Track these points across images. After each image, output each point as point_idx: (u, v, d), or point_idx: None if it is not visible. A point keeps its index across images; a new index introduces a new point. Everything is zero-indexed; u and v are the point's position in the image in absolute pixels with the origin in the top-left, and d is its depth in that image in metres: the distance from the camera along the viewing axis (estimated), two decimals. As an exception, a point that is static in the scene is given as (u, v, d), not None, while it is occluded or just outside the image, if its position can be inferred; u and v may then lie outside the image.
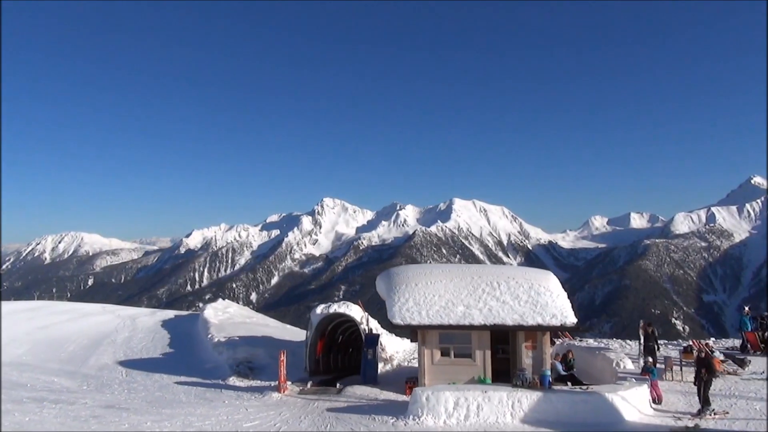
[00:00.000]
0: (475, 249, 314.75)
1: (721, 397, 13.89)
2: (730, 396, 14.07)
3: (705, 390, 12.68)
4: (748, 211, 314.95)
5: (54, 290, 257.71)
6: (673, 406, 13.51)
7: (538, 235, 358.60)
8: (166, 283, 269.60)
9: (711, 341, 22.33)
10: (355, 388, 15.63)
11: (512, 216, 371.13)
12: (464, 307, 13.96)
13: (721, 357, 17.62)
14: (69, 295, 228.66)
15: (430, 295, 14.28)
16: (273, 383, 16.39)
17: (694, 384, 12.92)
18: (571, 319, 13.83)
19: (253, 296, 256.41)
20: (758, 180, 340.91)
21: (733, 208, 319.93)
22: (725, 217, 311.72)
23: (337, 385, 16.08)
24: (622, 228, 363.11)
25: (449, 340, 14.51)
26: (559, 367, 14.75)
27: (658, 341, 16.03)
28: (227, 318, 30.26)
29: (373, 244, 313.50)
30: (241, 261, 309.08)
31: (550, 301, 13.98)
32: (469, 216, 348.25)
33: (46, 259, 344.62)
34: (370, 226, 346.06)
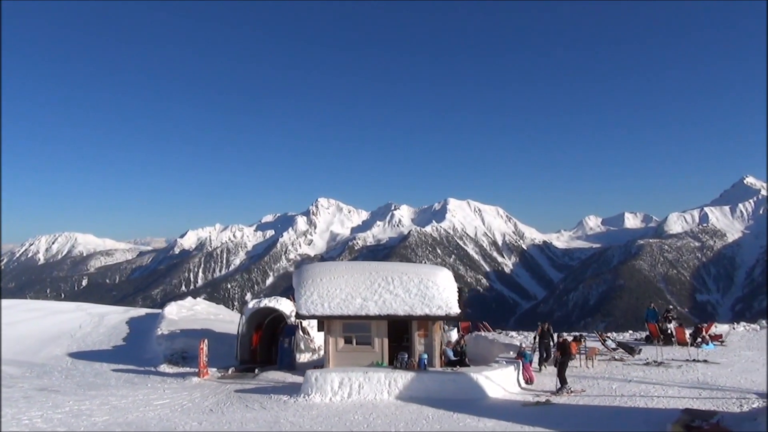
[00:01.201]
0: (470, 249, 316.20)
1: (591, 378, 15.43)
2: (598, 377, 15.61)
3: (561, 371, 14.26)
4: (741, 211, 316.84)
5: (48, 291, 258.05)
6: (546, 386, 15.03)
7: (532, 235, 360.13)
8: (161, 284, 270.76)
9: (611, 334, 24.10)
10: (270, 374, 17.19)
11: (507, 216, 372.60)
12: (362, 300, 15.44)
13: (613, 345, 19.22)
14: (63, 295, 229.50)
15: (332, 289, 15.73)
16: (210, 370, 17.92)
17: (555, 366, 14.51)
18: (455, 309, 15.29)
19: (248, 296, 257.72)
20: (751, 180, 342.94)
21: (726, 208, 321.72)
22: (718, 217, 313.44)
23: (256, 370, 17.63)
24: (616, 228, 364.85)
25: (352, 329, 15.96)
26: (450, 353, 16.23)
27: (553, 337, 17.61)
28: (191, 315, 31.63)
29: (368, 244, 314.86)
30: (236, 261, 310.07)
31: (436, 294, 15.44)
32: (464, 216, 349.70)
33: (39, 259, 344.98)
34: (365, 226, 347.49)
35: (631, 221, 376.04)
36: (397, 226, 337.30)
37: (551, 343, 17.35)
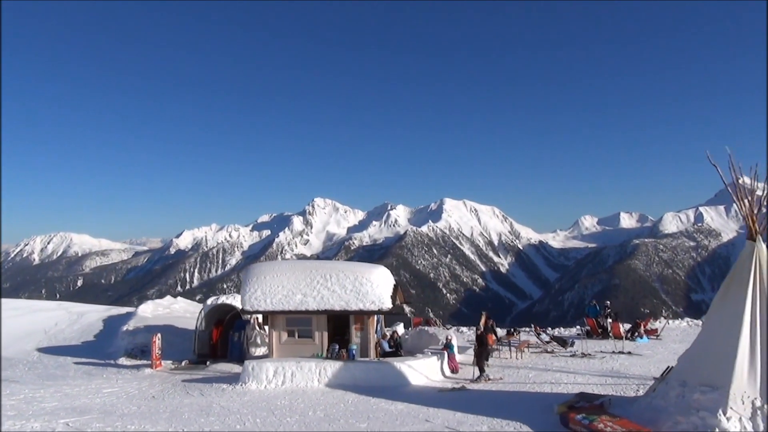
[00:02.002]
0: (466, 249, 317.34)
1: (515, 368, 16.57)
2: (522, 367, 16.75)
3: (479, 360, 15.39)
4: (735, 211, 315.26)
5: (43, 291, 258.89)
6: (470, 375, 16.13)
7: (528, 235, 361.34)
8: (157, 284, 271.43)
9: (550, 328, 25.33)
10: (220, 365, 18.30)
11: (503, 216, 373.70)
12: (302, 296, 16.52)
13: (547, 339, 20.37)
14: (58, 296, 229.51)
15: (275, 286, 16.79)
16: (164, 362, 19.01)
17: (475, 356, 15.64)
18: (387, 305, 16.35)
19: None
20: (746, 180, 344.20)
21: (721, 207, 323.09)
22: (713, 217, 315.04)
23: (207, 363, 18.73)
24: (612, 228, 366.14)
25: (294, 323, 17.06)
26: (385, 345, 17.32)
27: (495, 332, 18.66)
28: (166, 313, 32.62)
29: (365, 244, 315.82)
30: (232, 261, 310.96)
31: (370, 290, 16.49)
32: (460, 216, 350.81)
33: (34, 260, 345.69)
34: (362, 226, 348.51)
35: (627, 221, 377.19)
36: (394, 226, 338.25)
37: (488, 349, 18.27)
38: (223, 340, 21.77)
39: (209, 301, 21.34)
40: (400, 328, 22.05)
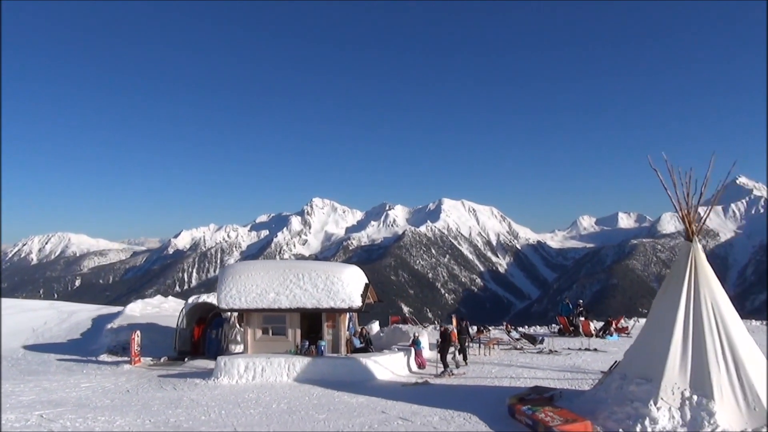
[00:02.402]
0: (464, 249, 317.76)
1: (481, 364, 17.16)
2: (488, 363, 17.33)
3: (443, 356, 15.96)
4: (733, 211, 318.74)
5: (41, 291, 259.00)
6: (436, 370, 16.70)
7: (526, 235, 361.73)
8: (155, 284, 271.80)
9: (524, 327, 25.95)
10: (198, 362, 18.84)
11: (501, 216, 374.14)
12: (275, 294, 17.06)
13: (517, 336, 20.93)
14: (56, 296, 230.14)
15: (249, 285, 17.33)
16: (143, 359, 19.56)
17: (438, 352, 16.22)
18: (357, 303, 16.91)
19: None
20: (744, 180, 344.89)
21: (719, 208, 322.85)
22: (711, 217, 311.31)
23: (186, 359, 19.29)
24: (610, 228, 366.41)
25: (269, 321, 17.63)
26: (356, 341, 17.90)
27: (469, 332, 19.14)
28: (155, 312, 33.14)
29: (363, 244, 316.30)
30: (230, 261, 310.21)
31: (341, 289, 17.03)
32: (458, 216, 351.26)
33: (32, 259, 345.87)
34: (360, 226, 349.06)
35: (625, 221, 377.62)
36: (392, 226, 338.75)
37: (468, 338, 18.83)
38: (204, 338, 22.30)
39: (190, 300, 21.89)
40: (375, 326, 22.64)
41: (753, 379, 9.98)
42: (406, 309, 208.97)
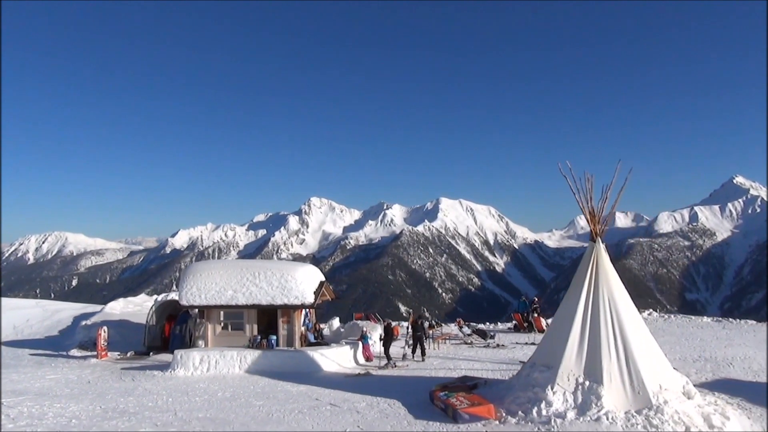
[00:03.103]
0: (462, 248, 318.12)
1: (426, 357, 18.16)
2: (434, 356, 18.36)
3: (386, 349, 16.96)
4: (730, 211, 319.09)
5: (38, 291, 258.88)
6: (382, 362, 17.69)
7: (524, 235, 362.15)
8: (152, 284, 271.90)
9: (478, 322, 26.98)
10: (162, 356, 19.84)
11: (499, 215, 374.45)
12: (233, 291, 18.04)
13: (468, 331, 21.92)
14: (53, 295, 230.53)
15: (209, 283, 18.28)
16: (110, 353, 20.55)
17: (382, 345, 17.24)
18: (310, 300, 17.88)
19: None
20: (740, 180, 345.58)
21: (716, 207, 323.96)
22: (708, 217, 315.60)
23: (151, 353, 20.29)
24: (607, 227, 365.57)
25: (228, 317, 18.65)
26: (311, 336, 18.87)
27: (424, 328, 20.03)
28: (136, 310, 33.99)
29: (360, 243, 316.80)
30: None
31: (294, 287, 17.99)
32: (456, 215, 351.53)
33: (29, 259, 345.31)
34: (357, 225, 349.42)
35: (622, 220, 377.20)
36: (389, 225, 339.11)
37: (423, 334, 19.72)
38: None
39: (159, 297, 22.91)
40: (335, 322, 23.65)
41: (640, 366, 10.97)
42: (403, 308, 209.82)
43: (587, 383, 11.01)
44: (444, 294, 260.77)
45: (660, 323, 25.70)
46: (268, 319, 19.00)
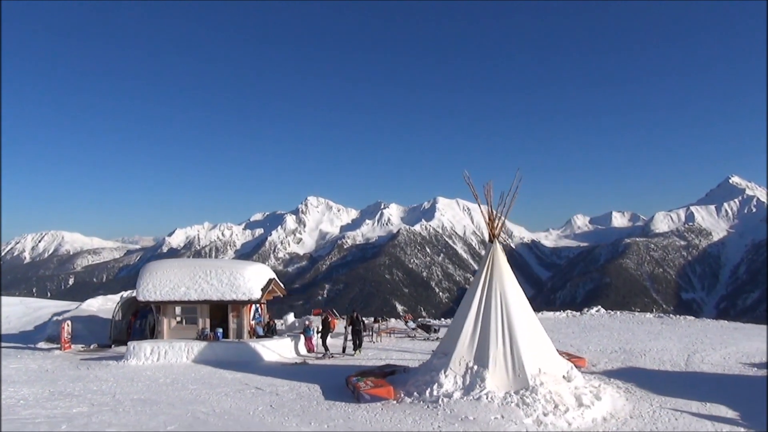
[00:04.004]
0: (459, 248, 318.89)
1: (366, 349, 19.45)
2: (372, 348, 19.67)
3: (324, 340, 18.29)
4: (726, 210, 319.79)
5: (34, 290, 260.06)
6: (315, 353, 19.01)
7: (521, 234, 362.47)
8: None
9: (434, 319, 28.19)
10: (122, 348, 21.11)
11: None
12: (185, 288, 19.33)
13: (413, 326, 23.23)
14: (49, 294, 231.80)
15: (164, 280, 19.55)
16: (74, 346, 21.87)
17: (320, 338, 18.58)
18: (257, 295, 19.20)
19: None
20: (736, 180, 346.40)
21: (712, 207, 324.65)
22: (704, 216, 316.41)
23: (112, 346, 21.60)
24: (604, 227, 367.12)
25: (184, 312, 19.96)
26: (259, 330, 20.16)
27: (364, 323, 21.21)
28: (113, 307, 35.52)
29: (358, 242, 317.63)
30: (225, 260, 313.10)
31: (242, 284, 19.30)
32: (453, 215, 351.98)
33: (25, 258, 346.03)
34: (355, 224, 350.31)
35: (619, 220, 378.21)
36: (387, 224, 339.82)
37: (362, 330, 20.94)
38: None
39: (125, 294, 24.16)
40: (290, 317, 25.00)
41: (522, 353, 12.27)
42: (400, 307, 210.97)
43: (475, 368, 12.31)
44: (441, 293, 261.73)
45: (605, 319, 27.00)
46: (222, 314, 20.28)
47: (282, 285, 21.74)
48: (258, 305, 20.50)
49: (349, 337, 19.17)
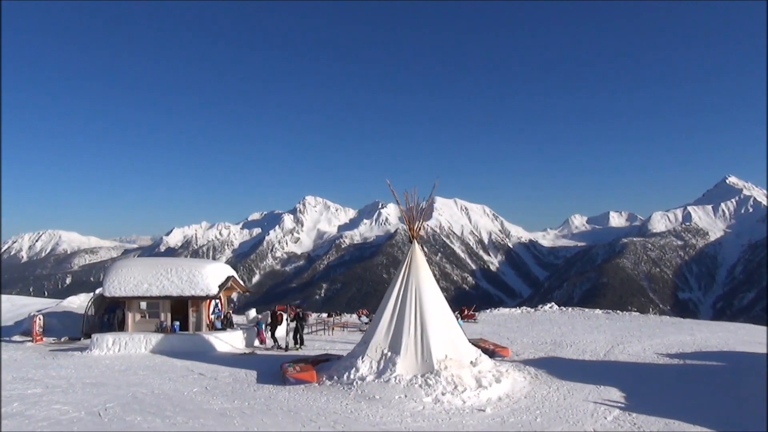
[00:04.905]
0: (456, 247, 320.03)
1: (316, 341, 20.84)
2: (319, 340, 21.08)
3: (272, 333, 19.71)
4: (723, 211, 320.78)
5: (31, 289, 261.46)
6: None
7: (518, 234, 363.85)
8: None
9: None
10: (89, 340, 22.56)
11: (493, 215, 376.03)
12: (148, 285, 20.69)
13: (366, 320, 24.59)
14: (46, 293, 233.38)
15: (128, 277, 20.91)
16: (46, 339, 23.27)
17: (270, 330, 20.03)
18: (214, 291, 20.59)
19: (234, 295, 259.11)
20: (733, 180, 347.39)
21: (709, 207, 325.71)
22: (701, 216, 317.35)
23: (81, 338, 22.99)
24: (601, 227, 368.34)
25: (148, 306, 21.35)
26: (217, 323, 21.55)
27: (306, 319, 22.51)
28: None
29: (355, 242, 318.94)
30: (222, 259, 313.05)
31: (200, 280, 20.66)
32: (451, 214, 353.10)
33: (23, 257, 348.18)
34: (352, 224, 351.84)
35: (616, 220, 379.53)
36: (384, 224, 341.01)
37: (305, 323, 22.06)
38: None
39: (98, 290, 25.51)
40: (252, 312, 26.46)
41: (431, 341, 13.65)
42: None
43: (389, 354, 13.68)
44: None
45: (556, 315, 28.37)
46: (183, 309, 21.64)
47: (242, 282, 23.18)
48: (218, 300, 21.86)
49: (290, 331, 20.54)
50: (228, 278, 21.67)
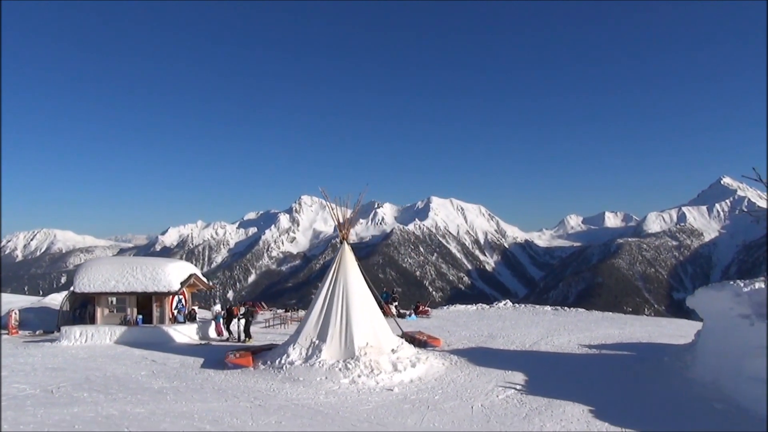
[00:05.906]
0: (452, 247, 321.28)
1: (271, 334, 22.46)
2: (272, 333, 22.72)
3: (227, 325, 21.38)
4: (717, 211, 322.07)
5: (26, 288, 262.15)
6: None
7: (514, 234, 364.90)
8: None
9: None
10: (63, 333, 24.17)
11: (489, 215, 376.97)
12: (115, 282, 22.33)
13: None
14: (41, 293, 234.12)
15: (96, 275, 22.54)
16: (21, 332, 24.93)
17: (224, 323, 21.74)
18: (175, 288, 22.22)
19: (230, 294, 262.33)
20: (728, 181, 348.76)
21: (704, 207, 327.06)
22: (696, 217, 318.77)
23: (54, 332, 24.60)
24: (597, 227, 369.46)
25: (117, 302, 22.99)
26: (180, 317, 23.17)
27: (253, 315, 23.98)
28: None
29: (351, 242, 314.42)
30: (218, 259, 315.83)
31: (163, 277, 22.31)
32: (447, 214, 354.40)
33: (17, 256, 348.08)
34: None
35: (612, 220, 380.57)
36: (380, 224, 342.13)
37: (251, 320, 23.48)
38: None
39: (72, 288, 27.14)
40: (217, 307, 28.06)
41: (354, 331, 15.30)
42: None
43: (317, 342, 15.32)
44: (434, 292, 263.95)
45: (508, 311, 29.93)
46: (149, 303, 23.27)
47: (205, 280, 24.89)
48: (181, 296, 23.50)
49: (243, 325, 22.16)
50: (190, 276, 23.32)
